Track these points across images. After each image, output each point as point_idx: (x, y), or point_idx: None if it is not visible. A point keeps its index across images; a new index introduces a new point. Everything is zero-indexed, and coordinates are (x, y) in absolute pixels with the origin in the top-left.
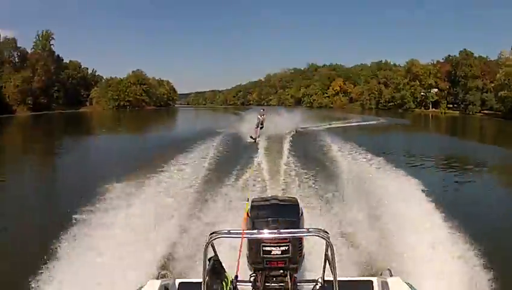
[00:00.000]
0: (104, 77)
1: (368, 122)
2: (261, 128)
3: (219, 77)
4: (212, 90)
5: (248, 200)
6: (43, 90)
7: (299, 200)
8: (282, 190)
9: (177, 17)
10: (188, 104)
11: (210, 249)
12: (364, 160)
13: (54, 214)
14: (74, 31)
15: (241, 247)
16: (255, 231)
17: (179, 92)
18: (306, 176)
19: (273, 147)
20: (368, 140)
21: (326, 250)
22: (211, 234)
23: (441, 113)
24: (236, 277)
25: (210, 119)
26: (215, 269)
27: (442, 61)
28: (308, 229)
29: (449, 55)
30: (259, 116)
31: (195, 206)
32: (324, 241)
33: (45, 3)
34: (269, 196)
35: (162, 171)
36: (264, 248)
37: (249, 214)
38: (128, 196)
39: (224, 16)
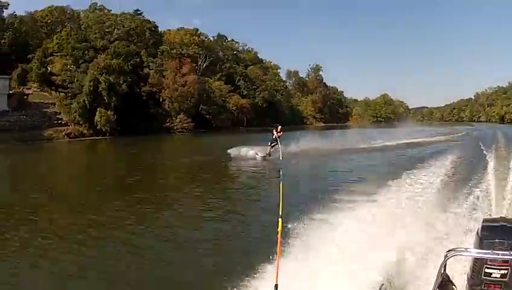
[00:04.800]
0: (348, 97)
1: None
2: (274, 145)
3: (430, 94)
4: (425, 107)
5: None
6: (320, 109)
7: None
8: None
9: (401, 44)
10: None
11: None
12: None
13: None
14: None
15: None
16: (489, 251)
17: None
18: None
19: (502, 163)
20: None
21: None
22: (448, 251)
23: None
24: None
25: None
26: (444, 285)
27: None
28: None
29: None
30: (274, 132)
31: (424, 219)
32: None
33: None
34: (498, 217)
35: (402, 176)
36: (485, 270)
37: (479, 234)
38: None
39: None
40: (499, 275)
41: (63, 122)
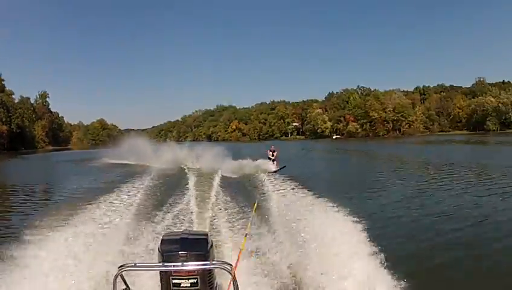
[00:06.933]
0: (66, 121)
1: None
2: (274, 160)
3: (136, 117)
4: (131, 129)
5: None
6: (46, 133)
7: (209, 234)
8: (208, 223)
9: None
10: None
11: (121, 281)
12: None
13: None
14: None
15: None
16: (160, 263)
17: None
18: (231, 210)
19: (205, 180)
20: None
21: (230, 282)
22: (120, 267)
23: (293, 138)
24: None
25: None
26: None
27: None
28: (211, 261)
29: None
30: (269, 152)
31: (119, 238)
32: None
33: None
34: (181, 230)
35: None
36: (173, 281)
37: (160, 249)
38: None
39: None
40: (188, 285)
41: None
